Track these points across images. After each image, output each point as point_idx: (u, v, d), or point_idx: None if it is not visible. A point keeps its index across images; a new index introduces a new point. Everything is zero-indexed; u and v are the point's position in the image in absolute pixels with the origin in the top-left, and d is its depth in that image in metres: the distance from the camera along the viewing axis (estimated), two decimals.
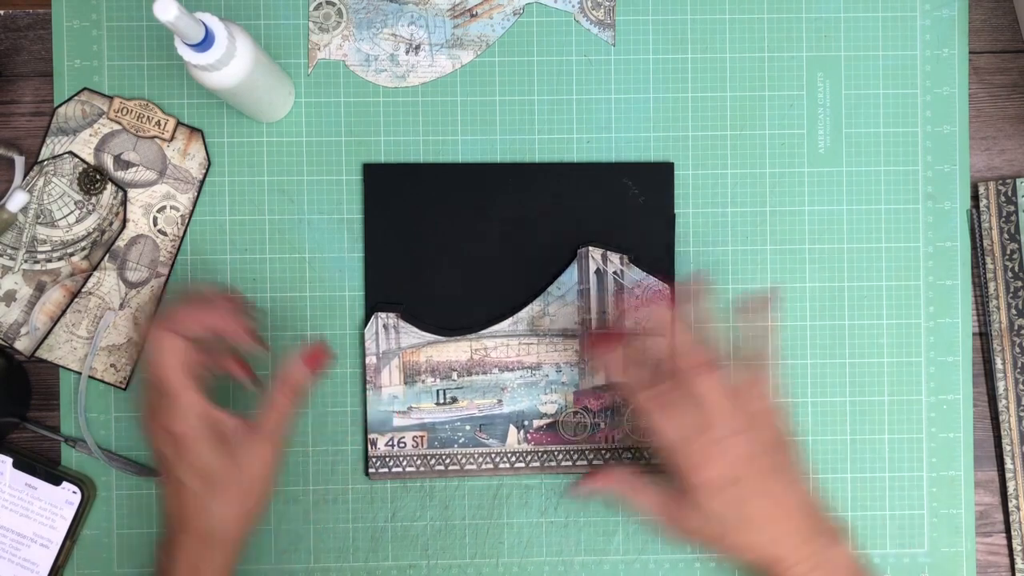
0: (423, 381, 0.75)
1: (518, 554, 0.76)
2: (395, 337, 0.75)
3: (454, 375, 0.75)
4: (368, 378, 0.75)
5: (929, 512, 0.77)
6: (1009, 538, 0.77)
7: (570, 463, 0.76)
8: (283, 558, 0.76)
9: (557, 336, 0.76)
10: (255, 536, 0.76)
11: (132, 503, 0.75)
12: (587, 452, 0.76)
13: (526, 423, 0.76)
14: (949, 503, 0.77)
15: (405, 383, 0.75)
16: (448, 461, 0.75)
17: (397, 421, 0.75)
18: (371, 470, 0.75)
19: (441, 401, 0.75)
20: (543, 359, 0.76)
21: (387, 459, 0.75)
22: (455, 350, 0.75)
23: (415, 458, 0.75)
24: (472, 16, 0.75)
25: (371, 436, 0.75)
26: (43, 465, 0.74)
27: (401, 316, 0.75)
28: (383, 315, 0.75)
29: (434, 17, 0.76)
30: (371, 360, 0.75)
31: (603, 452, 0.76)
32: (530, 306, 0.76)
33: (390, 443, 0.75)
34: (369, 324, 0.75)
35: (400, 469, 0.75)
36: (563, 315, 0.76)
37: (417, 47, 0.76)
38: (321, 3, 0.76)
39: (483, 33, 0.76)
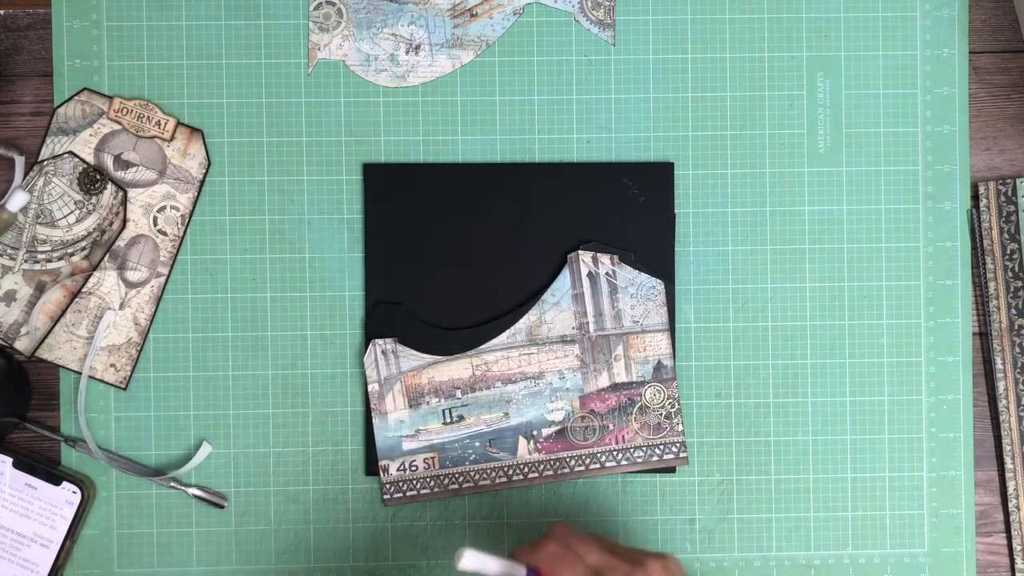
0: (428, 402, 0.75)
1: None
2: (395, 362, 0.75)
3: (458, 393, 0.75)
4: (372, 405, 0.75)
5: (929, 512, 0.77)
6: (1009, 538, 0.77)
7: (583, 468, 0.75)
8: (283, 558, 0.76)
9: (556, 343, 0.76)
10: (255, 536, 0.76)
11: (132, 503, 0.75)
12: (599, 455, 0.76)
13: (535, 433, 0.76)
14: (949, 503, 0.77)
15: (410, 406, 0.75)
16: (462, 479, 0.75)
17: (406, 445, 0.75)
18: (386, 496, 0.75)
19: (448, 420, 0.75)
20: (545, 367, 0.76)
21: (400, 484, 0.75)
22: (456, 368, 0.75)
23: (428, 480, 0.75)
24: (472, 16, 0.75)
25: (382, 463, 0.75)
26: (43, 465, 0.74)
27: (399, 340, 0.75)
28: (380, 342, 0.75)
29: (434, 17, 0.76)
30: (373, 387, 0.75)
31: (615, 453, 0.76)
32: (526, 316, 0.76)
33: (401, 468, 0.75)
34: (368, 352, 0.75)
35: (415, 492, 0.75)
36: (560, 321, 0.76)
37: (417, 47, 0.76)
38: (321, 3, 0.76)
39: (483, 33, 0.76)
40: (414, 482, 0.75)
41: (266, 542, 0.76)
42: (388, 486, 0.75)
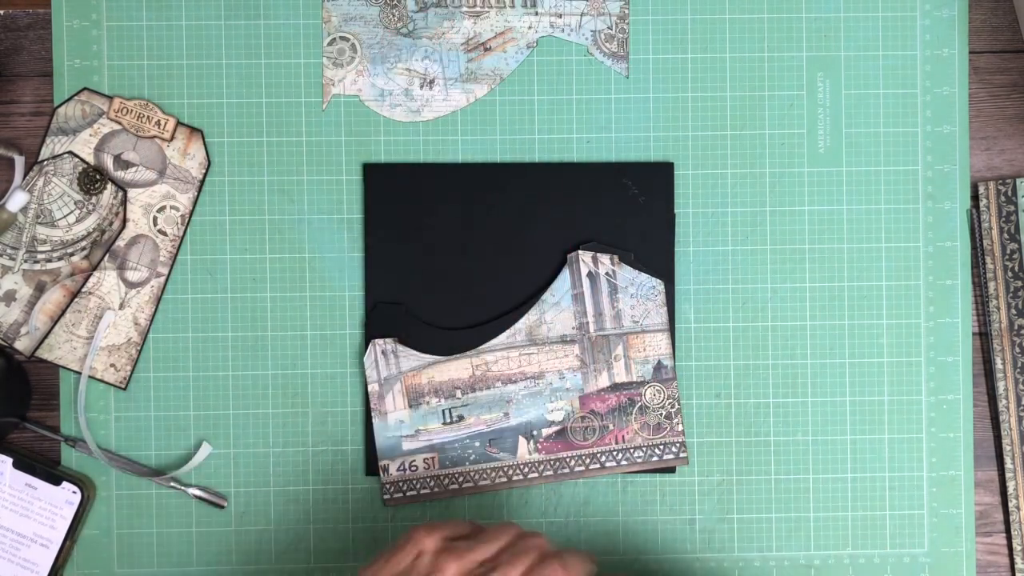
0: (427, 402, 0.75)
1: None
2: (395, 362, 0.75)
3: (458, 393, 0.75)
4: (372, 405, 0.75)
5: (929, 512, 0.77)
6: (1009, 538, 0.77)
7: (583, 468, 0.75)
8: (283, 558, 0.76)
9: (556, 343, 0.76)
10: (255, 536, 0.76)
11: (132, 503, 0.75)
12: (599, 455, 0.76)
13: (535, 433, 0.76)
14: (949, 503, 0.77)
15: (410, 406, 0.75)
16: (462, 479, 0.75)
17: (406, 445, 0.75)
18: (386, 496, 0.75)
19: (448, 420, 0.75)
20: (545, 367, 0.76)
21: (400, 484, 0.75)
22: (456, 368, 0.75)
23: (428, 480, 0.75)
24: (486, 50, 0.75)
25: (382, 463, 0.75)
26: (43, 465, 0.74)
27: (399, 340, 0.75)
28: (380, 342, 0.75)
29: (448, 51, 0.76)
30: (373, 388, 0.75)
31: (615, 453, 0.75)
32: (526, 316, 0.76)
33: (401, 468, 0.75)
34: (368, 352, 0.75)
35: (415, 493, 0.75)
36: (560, 321, 0.76)
37: (431, 82, 0.76)
38: (335, 39, 0.76)
39: (497, 67, 0.76)
40: (414, 482, 0.75)
41: (266, 542, 0.76)
42: (388, 486, 0.75)
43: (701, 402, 0.77)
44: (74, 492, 0.74)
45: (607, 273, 0.76)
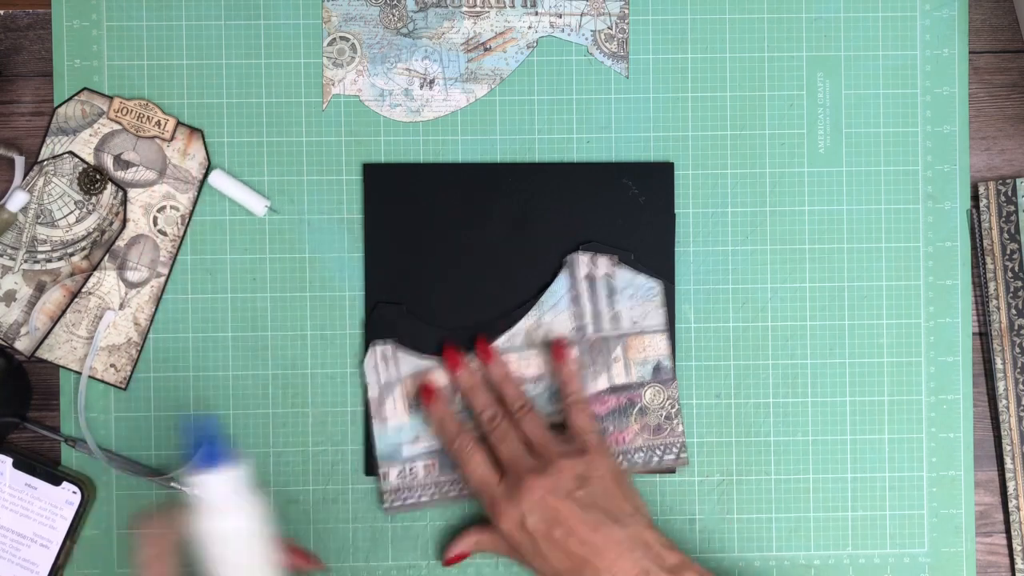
0: None
1: None
2: (395, 367, 0.75)
3: (458, 397, 0.75)
4: (372, 411, 0.75)
5: (929, 512, 0.77)
6: (1009, 538, 0.77)
7: None
8: None
9: None
10: None
11: (132, 503, 0.75)
12: None
13: None
14: (949, 503, 0.77)
15: (410, 412, 0.75)
16: (461, 485, 0.75)
17: (406, 451, 0.75)
18: (385, 504, 0.75)
19: None
20: (544, 370, 0.76)
21: (400, 491, 0.75)
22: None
23: (428, 486, 0.75)
24: (486, 50, 0.75)
25: (382, 470, 0.75)
26: (43, 465, 0.74)
27: (399, 343, 0.75)
28: (380, 345, 0.75)
29: (448, 51, 0.76)
30: (373, 393, 0.75)
31: (615, 455, 0.75)
32: (524, 318, 0.75)
33: (401, 474, 0.75)
34: (367, 356, 0.75)
35: (415, 500, 0.75)
36: (558, 323, 0.76)
37: (431, 81, 0.76)
38: (335, 39, 0.76)
39: (497, 67, 0.76)
40: (414, 489, 0.75)
41: None
42: (388, 493, 0.75)
43: (701, 402, 0.77)
44: (74, 492, 0.74)
45: (605, 274, 0.76)
